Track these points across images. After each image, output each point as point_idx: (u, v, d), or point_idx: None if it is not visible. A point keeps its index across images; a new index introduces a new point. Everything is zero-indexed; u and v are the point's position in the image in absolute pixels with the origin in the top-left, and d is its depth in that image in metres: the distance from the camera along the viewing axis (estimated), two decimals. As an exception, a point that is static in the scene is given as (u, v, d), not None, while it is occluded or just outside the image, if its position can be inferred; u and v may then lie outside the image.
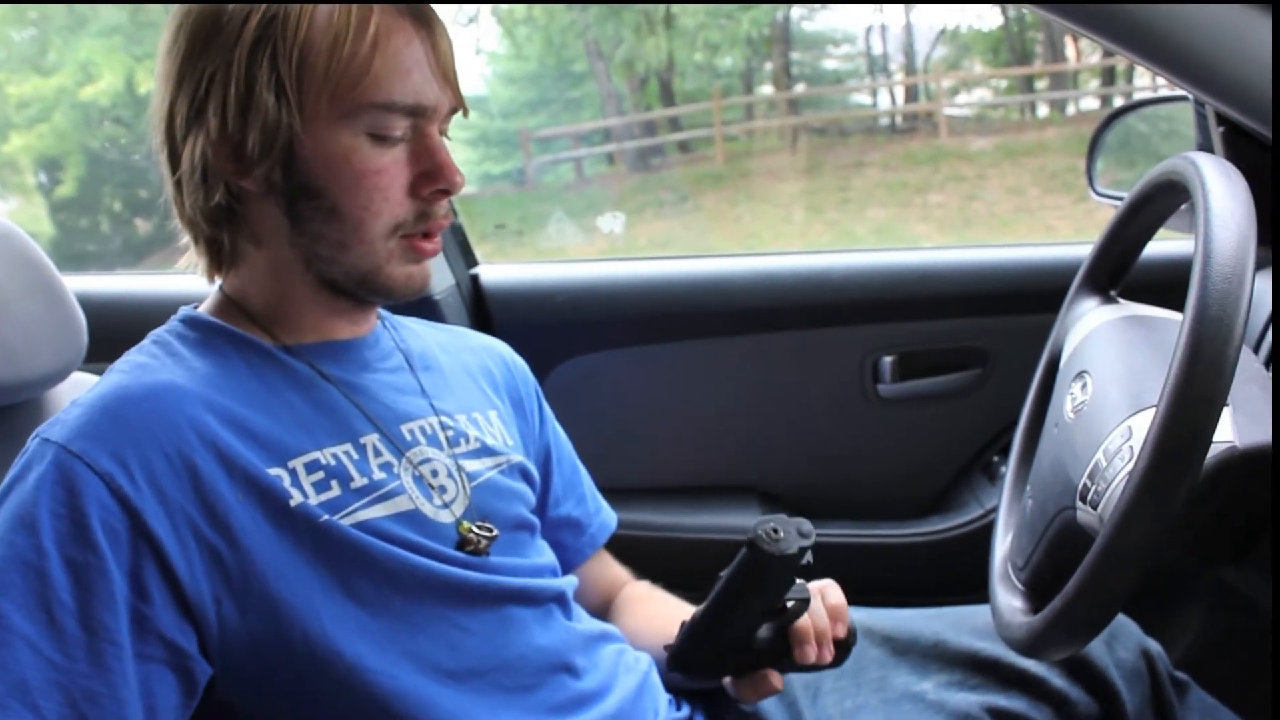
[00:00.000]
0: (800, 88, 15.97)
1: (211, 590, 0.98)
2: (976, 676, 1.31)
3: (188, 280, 2.20)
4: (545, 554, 1.26)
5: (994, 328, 1.98)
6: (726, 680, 1.25)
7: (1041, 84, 15.04)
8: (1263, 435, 0.96)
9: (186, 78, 1.04)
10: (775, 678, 1.21)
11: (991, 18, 14.96)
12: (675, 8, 13.94)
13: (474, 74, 14.62)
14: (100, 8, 11.30)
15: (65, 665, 0.90)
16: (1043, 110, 14.70)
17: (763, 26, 14.64)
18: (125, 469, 0.96)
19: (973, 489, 2.02)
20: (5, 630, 0.89)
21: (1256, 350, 1.43)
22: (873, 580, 2.07)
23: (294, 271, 1.11)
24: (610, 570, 1.47)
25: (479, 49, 15.12)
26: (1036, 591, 1.15)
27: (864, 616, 1.38)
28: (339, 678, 1.01)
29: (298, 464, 1.05)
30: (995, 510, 1.36)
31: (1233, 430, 0.96)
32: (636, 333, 1.99)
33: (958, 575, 1.93)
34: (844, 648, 1.22)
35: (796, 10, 15.60)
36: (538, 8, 14.09)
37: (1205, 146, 1.63)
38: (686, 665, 1.21)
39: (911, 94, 15.66)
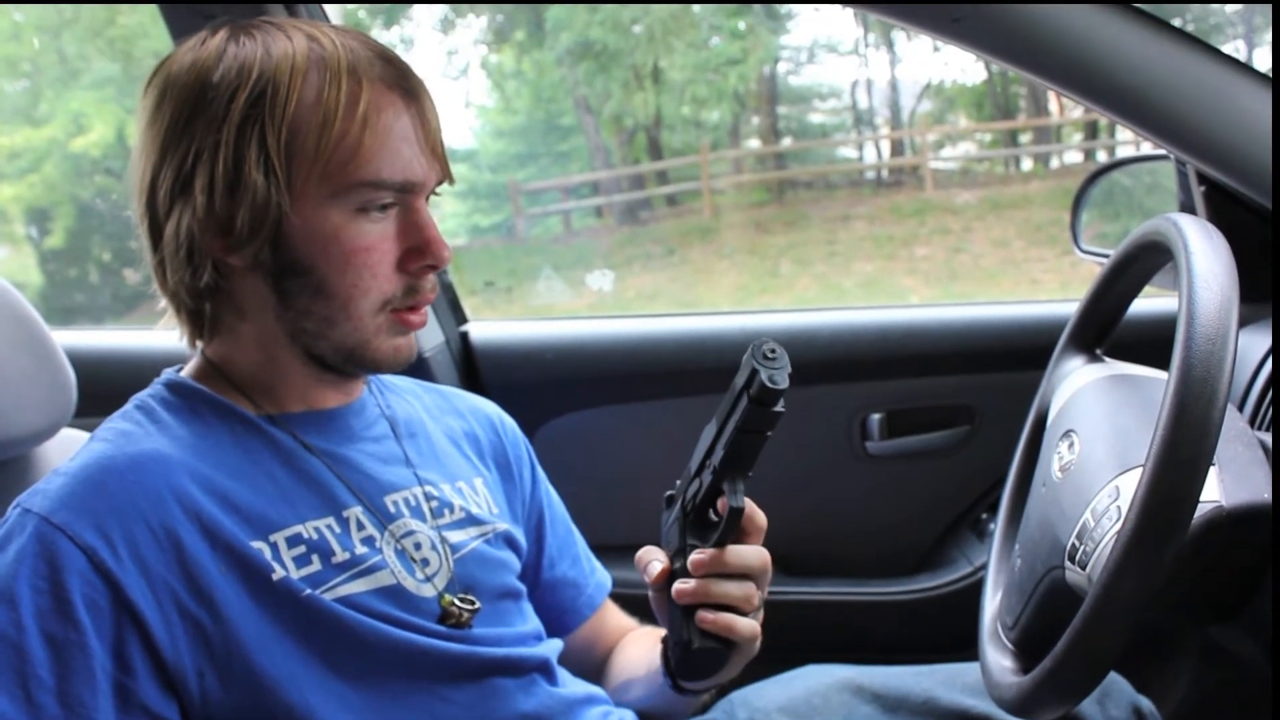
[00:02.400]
0: (787, 141, 16.07)
1: (194, 662, 0.97)
2: None
3: (177, 335, 2.20)
4: (530, 620, 1.25)
5: (982, 385, 1.99)
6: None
7: (1025, 138, 15.17)
8: (1249, 495, 0.97)
9: (170, 151, 1.03)
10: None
11: (975, 72, 15.11)
12: (664, 63, 14.05)
13: (464, 127, 14.72)
14: (94, 61, 11.35)
15: None
16: (1027, 164, 14.82)
17: (749, 81, 14.76)
18: (108, 542, 0.95)
19: (961, 547, 2.02)
20: None
21: (1242, 409, 1.43)
22: (862, 638, 2.07)
23: (280, 344, 1.09)
24: (615, 623, 1.44)
25: (468, 102, 15.22)
26: (1026, 651, 1.14)
27: (854, 674, 1.37)
28: None
29: (279, 538, 1.04)
30: (984, 568, 1.36)
31: (1219, 490, 0.96)
32: (625, 390, 1.99)
33: (947, 633, 1.92)
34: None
35: (783, 65, 15.75)
36: (527, 62, 14.21)
37: (1187, 205, 1.64)
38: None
39: (897, 148, 15.78)
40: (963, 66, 15.33)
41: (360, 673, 1.04)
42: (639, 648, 1.37)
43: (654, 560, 1.13)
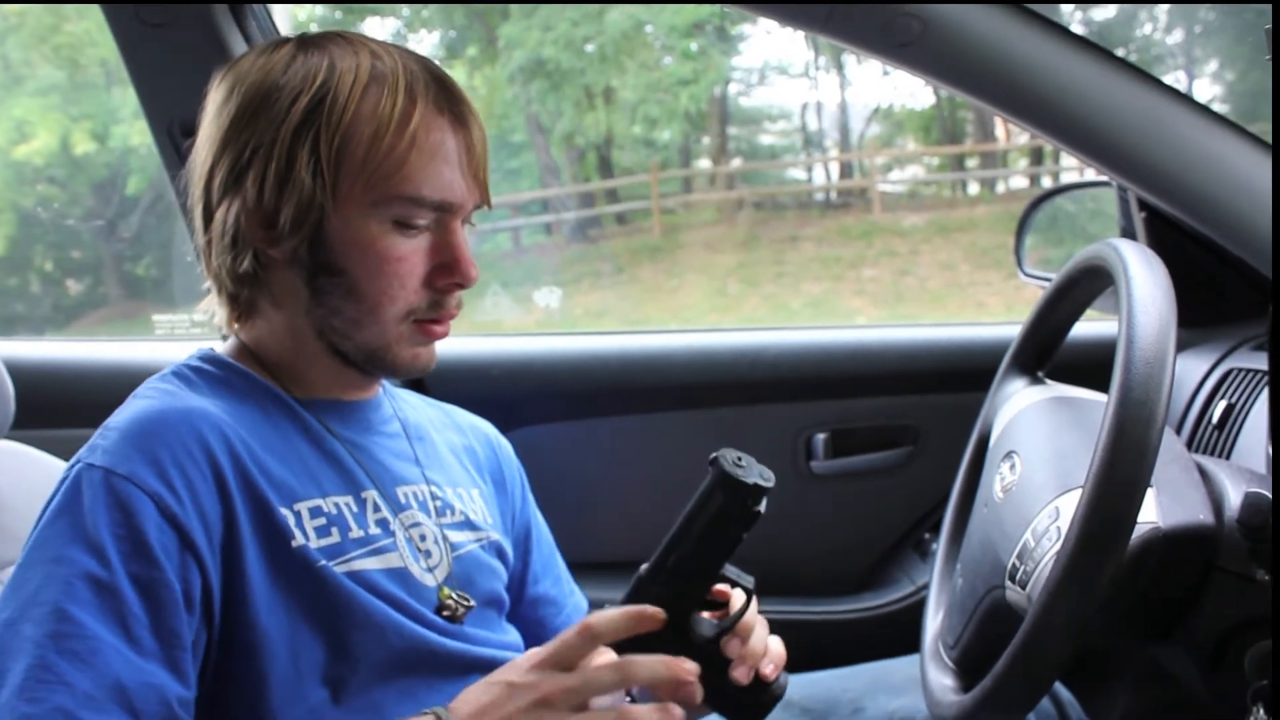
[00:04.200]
0: (737, 162, 16.15)
1: (222, 600, 1.01)
2: None
3: (118, 348, 2.17)
4: (511, 634, 1.26)
5: (925, 406, 2.00)
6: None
7: (972, 162, 15.33)
8: (1185, 516, 0.98)
9: (231, 143, 1.09)
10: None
11: (924, 97, 15.26)
12: (616, 82, 14.08)
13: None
14: (39, 67, 11.21)
15: (152, 673, 0.93)
16: (973, 188, 14.97)
17: (701, 101, 14.81)
18: (171, 489, 0.99)
19: (904, 566, 2.03)
20: (93, 640, 0.92)
21: (1179, 431, 1.45)
22: (806, 657, 2.06)
23: (308, 336, 1.14)
24: None
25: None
26: (967, 670, 1.15)
27: None
28: (292, 715, 1.03)
29: (303, 507, 1.08)
30: (926, 587, 1.36)
31: (1156, 511, 0.98)
32: (571, 408, 1.99)
33: (889, 652, 1.93)
34: (767, 697, 1.12)
35: (734, 86, 15.82)
36: (479, 78, 14.18)
37: (1128, 230, 1.67)
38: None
39: (846, 170, 15.89)
40: (911, 91, 15.49)
41: (355, 649, 1.06)
42: None
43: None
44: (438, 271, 1.12)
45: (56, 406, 2.10)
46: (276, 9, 1.94)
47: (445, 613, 1.15)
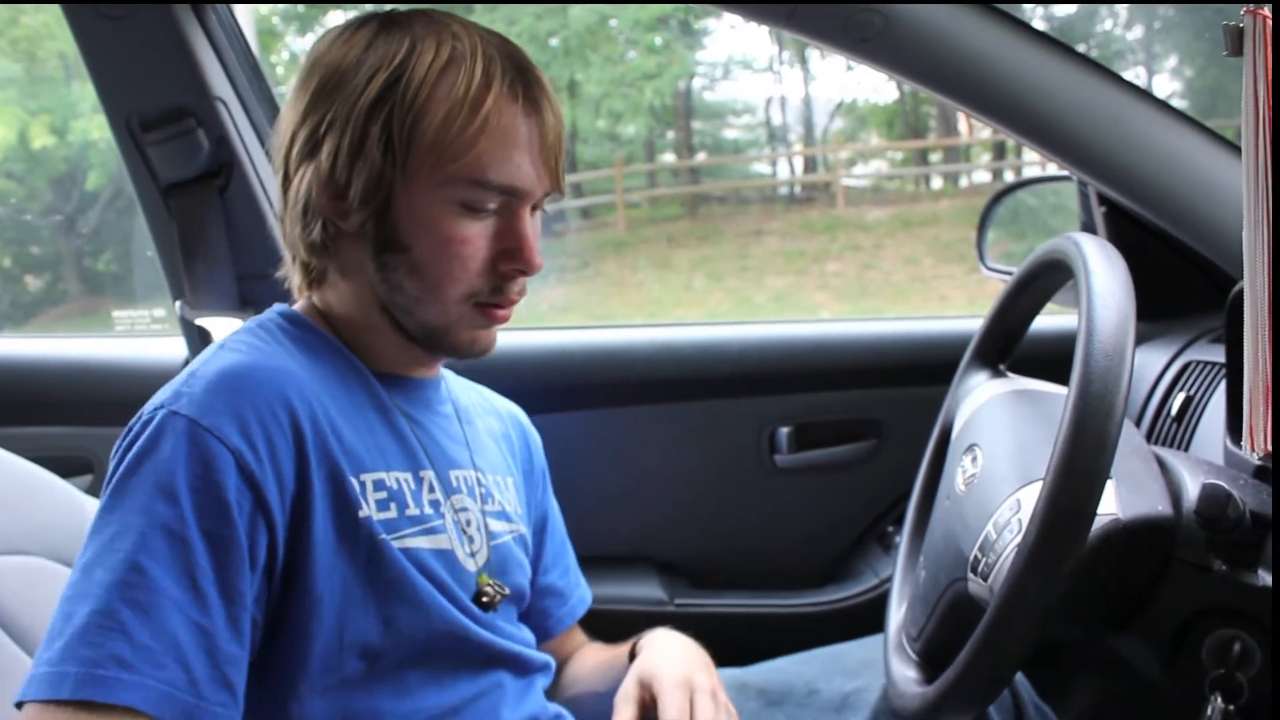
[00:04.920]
0: (701, 156, 16.17)
1: (285, 562, 1.02)
2: (851, 717, 1.32)
3: (78, 345, 2.15)
4: (526, 631, 1.28)
5: (888, 399, 2.01)
6: None
7: (935, 157, 15.42)
8: (1144, 507, 0.99)
9: (310, 115, 1.10)
10: None
11: (887, 92, 15.32)
12: (581, 76, 14.06)
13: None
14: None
15: (209, 629, 0.94)
16: (936, 182, 15.05)
17: (665, 96, 14.81)
18: (252, 446, 0.99)
19: (868, 559, 2.03)
20: (157, 593, 0.92)
21: (1139, 424, 1.47)
22: (768, 650, 2.07)
23: (373, 309, 1.15)
24: (576, 638, 1.48)
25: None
26: (930, 661, 1.16)
27: (738, 674, 1.39)
28: (323, 684, 1.05)
29: (368, 479, 1.08)
30: (890, 580, 1.37)
31: (1116, 503, 0.98)
32: (534, 402, 1.98)
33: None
34: None
35: (699, 80, 15.85)
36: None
37: (1089, 225, 1.68)
38: None
39: (810, 164, 15.95)
40: (875, 86, 15.56)
41: (399, 625, 1.08)
42: (595, 660, 1.41)
43: None
44: (502, 256, 1.12)
45: (16, 404, 2.08)
46: (242, 13, 1.93)
47: (484, 599, 1.17)
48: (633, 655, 1.27)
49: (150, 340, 2.28)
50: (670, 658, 1.20)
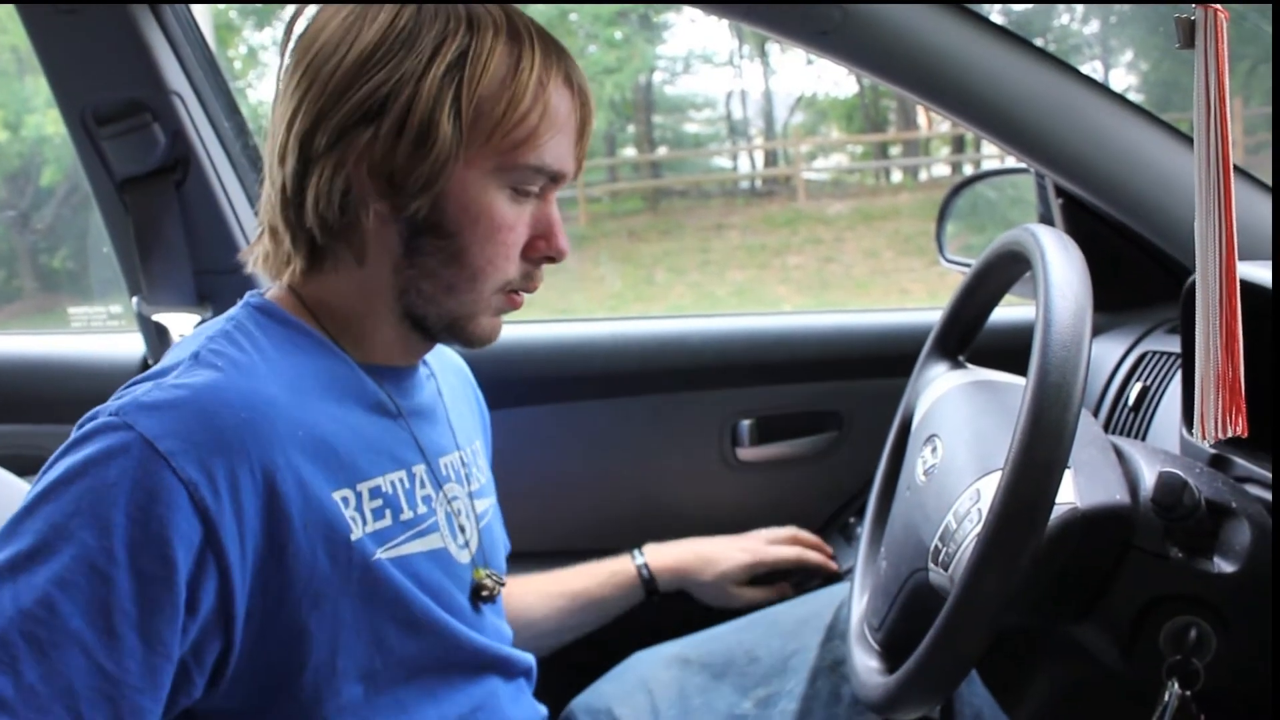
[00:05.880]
0: (662, 150, 16.18)
1: (248, 608, 0.95)
2: (791, 680, 1.33)
3: (34, 342, 2.12)
4: (507, 626, 1.26)
5: (849, 391, 2.01)
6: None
7: (895, 150, 15.49)
8: (1103, 496, 1.00)
9: (360, 80, 1.01)
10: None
11: (847, 85, 15.37)
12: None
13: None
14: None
15: (117, 676, 0.86)
16: (896, 176, 15.13)
17: (625, 90, 14.80)
18: (210, 480, 0.90)
19: (831, 550, 2.04)
20: (61, 633, 0.84)
21: (1096, 414, 1.48)
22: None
23: (384, 296, 1.09)
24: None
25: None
26: (892, 651, 1.16)
27: (679, 648, 1.41)
28: (321, 713, 1.01)
29: (364, 488, 1.03)
30: (851, 571, 1.38)
31: (1074, 492, 0.99)
32: (495, 396, 1.98)
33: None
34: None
35: (659, 74, 15.84)
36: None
37: (1046, 217, 1.69)
38: None
39: (770, 158, 15.99)
40: (835, 79, 15.60)
41: (394, 645, 1.04)
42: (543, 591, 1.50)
43: None
44: (534, 242, 1.10)
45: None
46: (199, 8, 1.92)
47: (484, 593, 1.14)
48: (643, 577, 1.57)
49: (107, 336, 2.26)
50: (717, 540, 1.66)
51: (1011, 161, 1.76)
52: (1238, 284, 0.91)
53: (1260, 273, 1.10)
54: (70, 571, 0.85)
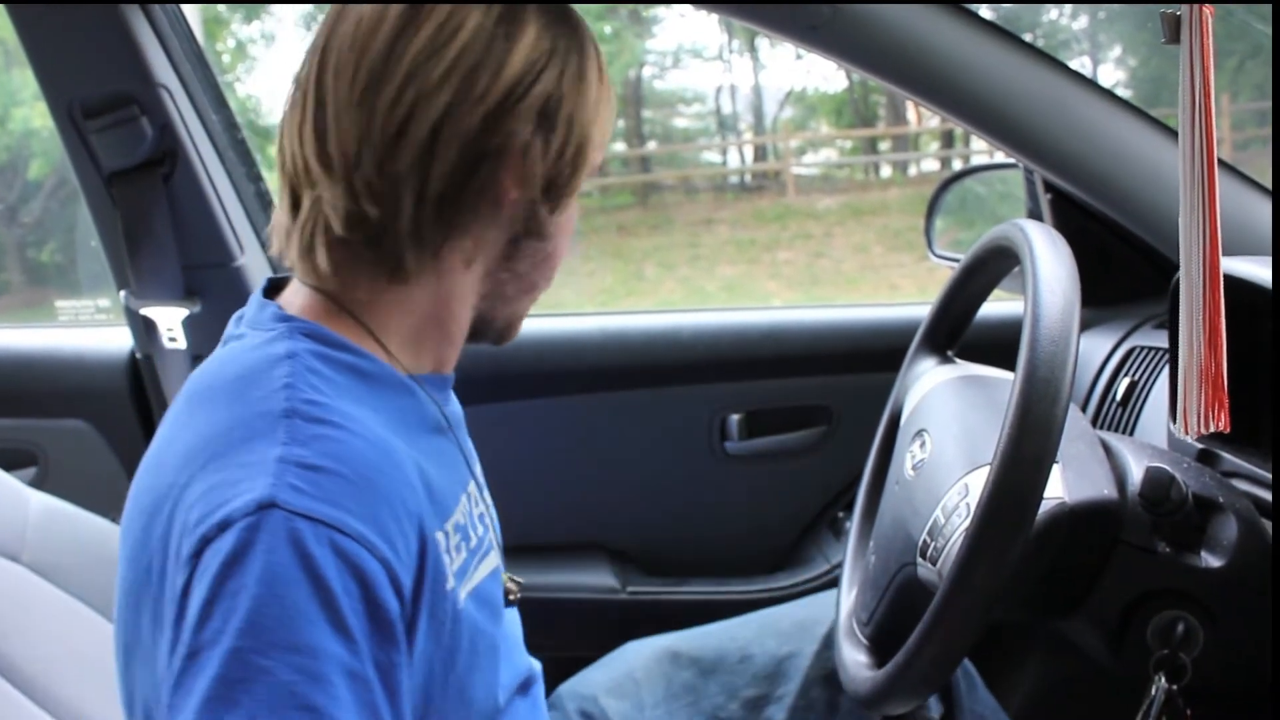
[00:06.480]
0: (651, 145, 16.15)
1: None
2: (783, 685, 1.33)
3: (21, 335, 2.11)
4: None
5: (838, 386, 2.02)
6: None
7: (885, 145, 15.49)
8: (1091, 491, 1.00)
9: (554, 59, 0.95)
10: None
11: (837, 80, 15.37)
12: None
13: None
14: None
15: None
16: (886, 171, 15.12)
17: (615, 84, 14.77)
18: (395, 550, 0.82)
19: (819, 545, 2.04)
20: None
21: (1085, 409, 1.48)
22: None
23: (466, 301, 1.01)
24: None
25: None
26: (880, 646, 1.17)
27: (672, 641, 1.40)
28: None
29: (449, 526, 0.93)
30: (841, 566, 1.38)
31: (1062, 487, 0.99)
32: (484, 391, 1.99)
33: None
34: None
35: (648, 69, 15.82)
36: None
37: (1035, 212, 1.70)
38: None
39: (760, 153, 15.97)
40: (824, 74, 15.60)
41: (473, 692, 0.95)
42: None
43: None
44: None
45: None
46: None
47: (510, 596, 1.07)
48: None
49: (95, 330, 2.25)
50: None
51: (1000, 157, 1.76)
52: (1221, 279, 0.92)
53: (1259, 271, 1.10)
54: (335, 687, 0.76)
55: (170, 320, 1.93)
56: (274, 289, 1.03)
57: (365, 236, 0.93)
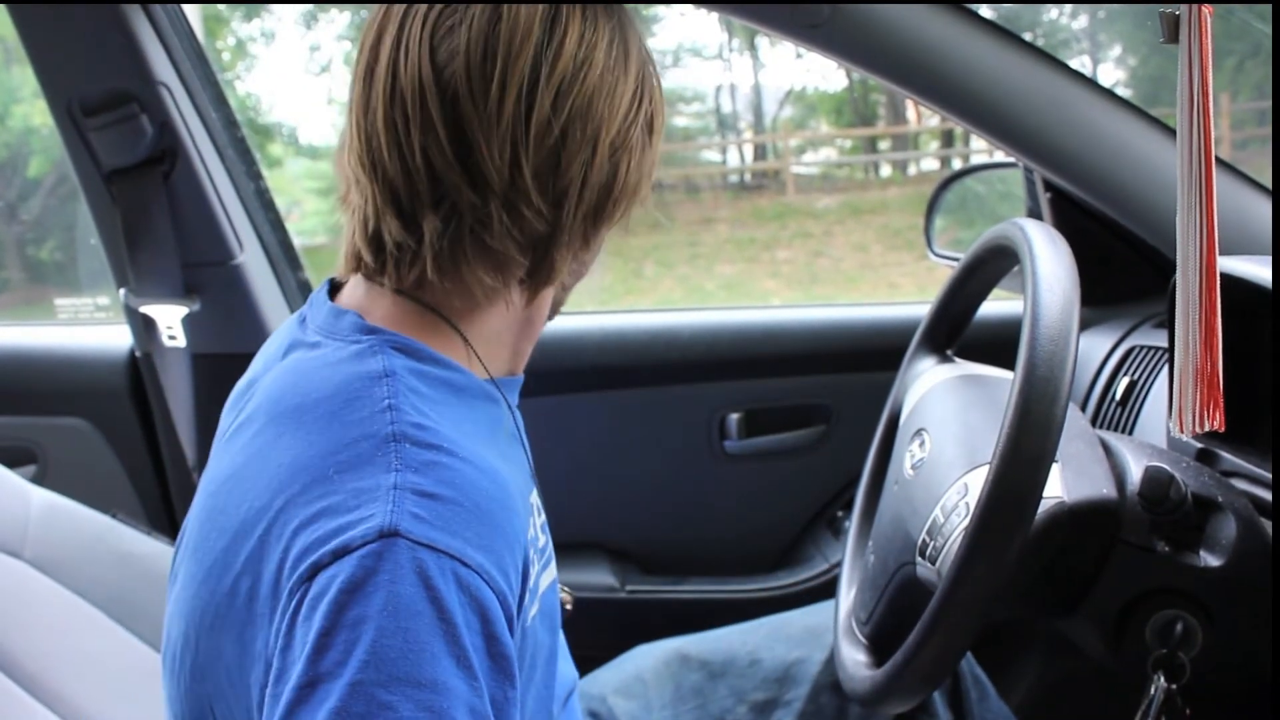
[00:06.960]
0: (651, 144, 16.12)
1: None
2: (792, 690, 1.33)
3: (21, 333, 2.11)
4: None
5: (837, 385, 2.02)
6: None
7: (884, 144, 15.47)
8: (1090, 490, 1.00)
9: (651, 69, 0.98)
10: None
11: (836, 79, 15.36)
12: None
13: (325, 124, 14.42)
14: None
15: None
16: (885, 170, 15.11)
17: (615, 83, 14.75)
18: (509, 581, 0.80)
19: (818, 544, 2.05)
20: None
21: (1084, 408, 1.48)
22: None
23: (545, 303, 1.01)
24: None
25: (331, 99, 14.94)
26: (879, 645, 1.17)
27: (681, 644, 1.40)
28: None
29: (527, 539, 0.88)
30: (840, 565, 1.38)
31: (1061, 486, 0.99)
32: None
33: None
34: None
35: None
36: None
37: (1034, 211, 1.70)
38: None
39: (760, 152, 15.96)
40: (824, 73, 15.59)
41: (533, 708, 0.94)
42: None
43: None
44: None
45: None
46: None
47: (567, 606, 1.05)
48: None
49: (94, 328, 2.25)
50: None
51: (1000, 156, 1.76)
52: (1218, 278, 0.92)
53: (1259, 270, 1.10)
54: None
55: (170, 318, 1.93)
56: (334, 289, 1.01)
57: (517, 245, 0.91)
